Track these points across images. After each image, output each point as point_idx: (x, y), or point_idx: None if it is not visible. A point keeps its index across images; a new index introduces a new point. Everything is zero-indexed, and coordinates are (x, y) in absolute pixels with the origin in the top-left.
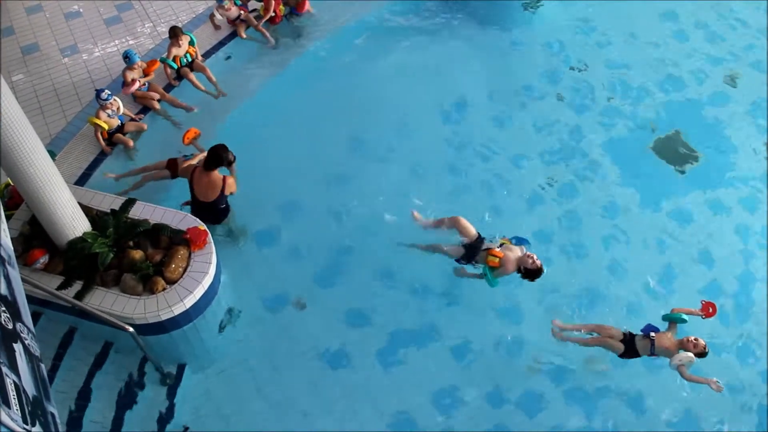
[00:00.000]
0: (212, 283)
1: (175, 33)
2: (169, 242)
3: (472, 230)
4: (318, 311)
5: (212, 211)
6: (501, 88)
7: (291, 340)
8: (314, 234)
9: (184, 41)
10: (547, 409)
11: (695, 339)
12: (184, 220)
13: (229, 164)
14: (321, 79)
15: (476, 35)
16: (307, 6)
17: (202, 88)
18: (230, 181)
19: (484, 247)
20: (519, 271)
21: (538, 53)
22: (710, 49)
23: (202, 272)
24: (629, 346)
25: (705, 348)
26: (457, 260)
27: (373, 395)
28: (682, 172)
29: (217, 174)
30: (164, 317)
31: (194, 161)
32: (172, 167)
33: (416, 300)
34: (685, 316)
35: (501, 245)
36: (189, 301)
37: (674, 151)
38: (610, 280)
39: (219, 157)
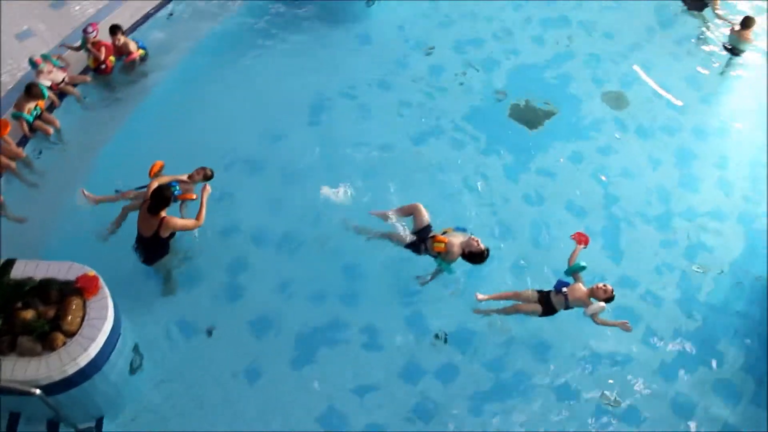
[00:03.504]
0: (114, 326)
1: (30, 90)
2: (60, 295)
3: (426, 218)
4: (224, 331)
5: (146, 247)
6: (358, 81)
7: (204, 366)
8: (205, 256)
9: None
10: (462, 376)
11: (604, 285)
12: (71, 269)
13: (168, 202)
14: (178, 106)
15: (325, 34)
16: (135, 55)
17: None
18: (172, 222)
19: (430, 234)
20: (463, 254)
21: (386, 42)
22: (544, 13)
23: (101, 318)
24: (546, 305)
25: (612, 293)
26: (406, 247)
27: (298, 400)
28: (541, 131)
29: (158, 215)
30: (70, 371)
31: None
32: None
33: (317, 300)
34: (582, 263)
35: (444, 233)
36: (93, 350)
37: (530, 113)
38: (498, 244)
39: (163, 200)
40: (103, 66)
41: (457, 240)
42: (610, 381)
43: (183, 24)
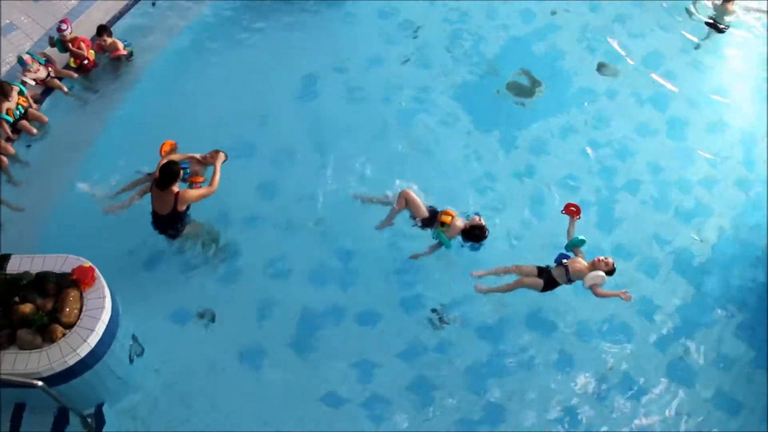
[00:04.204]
0: (111, 316)
1: (3, 90)
2: (57, 288)
3: (423, 209)
4: (222, 316)
5: (165, 225)
6: (347, 62)
7: (204, 351)
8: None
9: (14, 93)
10: (461, 352)
11: (605, 258)
12: (66, 261)
13: (176, 176)
14: (168, 94)
15: (313, 15)
16: (121, 51)
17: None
18: (187, 194)
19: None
20: (464, 232)
21: (373, 22)
22: None
23: (99, 308)
24: (547, 279)
25: (614, 265)
26: (419, 221)
27: (299, 382)
28: (532, 105)
29: (171, 191)
30: (71, 362)
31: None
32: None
33: (315, 282)
34: (581, 237)
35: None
36: (93, 340)
37: (520, 88)
38: (493, 220)
39: (171, 174)
40: (86, 62)
41: (461, 218)
42: (609, 350)
43: (167, 12)
